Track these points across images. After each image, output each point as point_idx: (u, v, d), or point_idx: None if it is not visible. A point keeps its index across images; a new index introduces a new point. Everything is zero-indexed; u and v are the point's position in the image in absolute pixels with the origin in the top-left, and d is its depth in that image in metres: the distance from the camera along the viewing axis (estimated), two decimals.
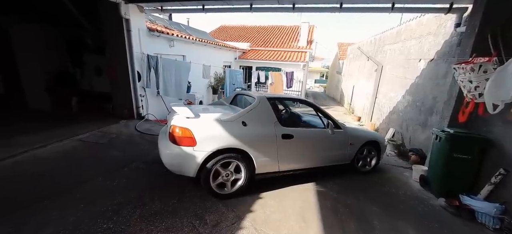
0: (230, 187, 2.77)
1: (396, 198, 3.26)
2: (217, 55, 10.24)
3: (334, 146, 3.45)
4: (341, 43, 18.01)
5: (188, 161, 2.49)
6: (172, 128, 2.54)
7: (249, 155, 2.71)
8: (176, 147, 2.49)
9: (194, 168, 2.51)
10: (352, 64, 11.94)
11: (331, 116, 3.49)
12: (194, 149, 2.47)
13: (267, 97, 3.01)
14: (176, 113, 2.67)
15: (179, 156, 2.50)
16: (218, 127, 2.60)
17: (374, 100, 7.67)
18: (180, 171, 2.58)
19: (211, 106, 3.79)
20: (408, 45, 5.77)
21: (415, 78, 5.21)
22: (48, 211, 2.34)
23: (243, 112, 2.79)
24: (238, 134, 2.64)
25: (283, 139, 2.89)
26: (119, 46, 5.02)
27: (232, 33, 17.10)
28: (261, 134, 2.80)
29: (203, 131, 2.52)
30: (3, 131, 4.39)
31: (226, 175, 2.71)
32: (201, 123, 2.58)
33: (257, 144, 2.75)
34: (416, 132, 4.97)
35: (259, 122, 2.82)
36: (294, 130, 3.03)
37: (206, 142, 2.50)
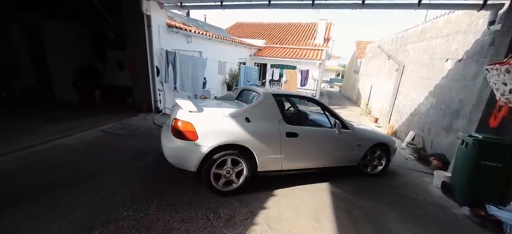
0: (232, 184, 2.73)
1: (415, 203, 3.12)
2: (233, 52, 10.31)
3: (341, 147, 3.33)
4: (359, 41, 17.40)
5: (189, 155, 2.47)
6: (174, 121, 2.52)
7: (251, 152, 2.65)
8: (178, 141, 2.47)
9: (195, 162, 2.48)
10: (371, 63, 11.51)
11: (339, 116, 3.36)
12: (196, 143, 2.44)
13: (272, 94, 2.93)
14: (179, 107, 2.62)
15: (181, 149, 2.48)
16: (220, 122, 2.56)
17: (393, 101, 7.36)
18: (181, 165, 2.56)
19: (217, 101, 3.77)
20: (433, 44, 5.45)
21: (440, 79, 4.93)
22: (74, 196, 2.50)
23: (247, 108, 2.74)
24: (241, 130, 2.58)
25: (287, 137, 2.82)
26: (139, 41, 5.20)
27: (248, 30, 17.10)
28: (265, 131, 2.72)
29: (205, 125, 2.49)
30: (37, 120, 4.72)
31: (227, 172, 2.65)
32: (204, 117, 2.54)
33: (260, 141, 2.68)
34: (438, 136, 4.71)
35: (263, 119, 2.76)
36: (299, 128, 2.94)
37: (208, 136, 2.46)
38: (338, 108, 11.15)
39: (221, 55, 8.62)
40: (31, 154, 3.41)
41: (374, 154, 3.69)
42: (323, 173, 3.44)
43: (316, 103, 3.36)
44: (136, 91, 5.94)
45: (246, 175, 2.73)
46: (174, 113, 2.68)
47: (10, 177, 2.80)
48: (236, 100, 3.65)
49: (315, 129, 3.24)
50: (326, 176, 3.53)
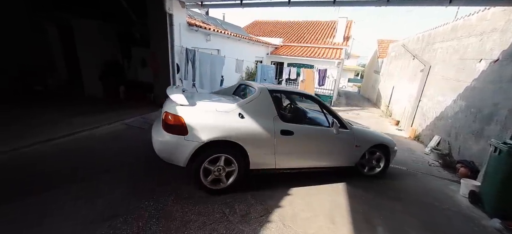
0: (221, 182, 2.65)
1: (439, 212, 2.95)
2: (250, 50, 10.35)
3: (338, 147, 3.21)
4: (381, 40, 16.66)
5: (179, 150, 2.38)
6: (164, 114, 2.44)
7: (244, 149, 2.56)
8: (167, 134, 2.39)
9: (184, 157, 2.40)
10: (393, 63, 11.00)
11: (337, 114, 3.23)
12: (186, 138, 2.35)
13: (268, 89, 2.84)
14: (171, 100, 2.53)
15: (170, 144, 2.39)
16: (212, 117, 2.47)
17: (417, 103, 6.99)
18: (170, 160, 2.47)
19: (213, 95, 3.68)
20: (464, 43, 5.09)
21: (472, 81, 4.59)
22: (100, 184, 2.68)
23: (241, 103, 2.66)
24: (234, 126, 2.49)
25: (282, 135, 2.72)
26: (162, 39, 5.40)
27: (265, 28, 17.07)
28: (258, 128, 2.61)
29: (196, 120, 2.39)
30: (68, 112, 5.10)
31: (217, 169, 2.55)
32: (195, 111, 2.44)
33: (253, 138, 2.59)
34: (467, 142, 4.41)
35: (257, 115, 2.65)
36: (295, 126, 2.84)
37: (199, 132, 2.37)
38: (356, 110, 10.80)
39: (239, 54, 8.70)
40: (62, 143, 3.70)
41: (373, 155, 3.55)
42: (333, 173, 3.39)
43: (313, 101, 3.23)
44: (157, 87, 6.19)
45: (238, 172, 2.64)
46: (165, 107, 2.58)
47: (43, 164, 3.06)
48: (233, 95, 3.59)
49: (311, 127, 3.08)
50: (343, 176, 3.48)
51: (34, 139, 3.57)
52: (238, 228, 2.20)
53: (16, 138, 3.56)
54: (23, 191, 2.43)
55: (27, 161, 3.09)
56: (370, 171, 3.63)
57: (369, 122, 8.15)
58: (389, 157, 3.65)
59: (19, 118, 4.52)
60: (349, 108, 11.13)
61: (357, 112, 10.01)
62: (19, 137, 3.60)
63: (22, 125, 4.19)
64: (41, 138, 3.63)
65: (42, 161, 3.13)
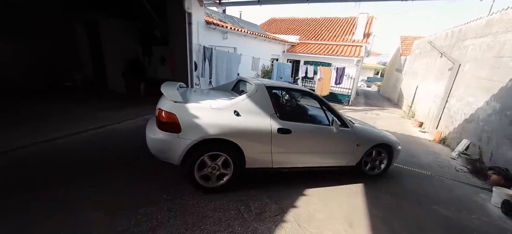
0: (216, 180, 2.61)
1: (468, 221, 2.75)
2: (266, 48, 10.30)
3: (338, 146, 3.08)
4: (404, 37, 15.82)
5: (172, 148, 2.34)
6: (158, 111, 2.40)
7: (239, 147, 2.49)
8: (160, 132, 2.34)
9: (178, 156, 2.35)
10: (418, 61, 10.39)
11: (338, 112, 3.11)
12: (179, 136, 2.30)
13: (266, 86, 2.74)
14: (164, 96, 2.47)
15: (163, 141, 2.34)
16: (207, 114, 2.39)
17: (444, 104, 6.55)
18: (164, 157, 2.44)
19: (211, 91, 3.59)
20: (501, 39, 4.67)
21: (508, 81, 4.21)
22: (121, 177, 2.82)
23: (237, 101, 2.57)
24: (229, 124, 2.41)
25: (279, 134, 2.62)
26: (180, 38, 5.53)
27: (282, 26, 16.87)
28: (254, 126, 2.52)
29: (190, 117, 2.33)
30: (93, 107, 5.41)
31: (212, 168, 2.51)
32: (189, 108, 2.37)
33: (249, 137, 2.51)
34: (501, 147, 4.06)
35: (253, 112, 2.56)
36: (293, 124, 2.72)
37: (193, 129, 2.31)
38: (376, 110, 10.37)
39: (255, 51, 8.69)
40: (87, 136, 3.93)
41: (376, 154, 3.40)
42: (339, 173, 3.32)
43: (313, 97, 3.12)
44: None
45: (233, 171, 2.59)
46: (159, 103, 2.51)
47: (69, 155, 3.27)
48: (231, 91, 3.50)
49: (310, 125, 2.94)
50: (361, 177, 3.40)
51: (67, 131, 3.85)
52: (253, 226, 2.21)
53: (53, 130, 3.87)
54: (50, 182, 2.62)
55: (58, 152, 3.32)
56: (371, 170, 3.49)
57: (389, 123, 7.79)
58: (392, 156, 3.49)
59: (52, 111, 4.89)
60: (368, 108, 10.71)
61: (376, 113, 9.61)
62: (56, 129, 3.91)
63: (55, 118, 4.52)
64: (65, 132, 3.88)
65: (66, 153, 3.35)
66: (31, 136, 3.58)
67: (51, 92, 6.57)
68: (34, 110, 4.88)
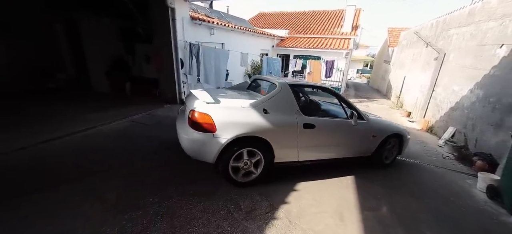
0: (250, 175, 2.72)
1: (456, 207, 2.81)
2: (255, 43, 10.18)
3: (357, 138, 3.25)
4: (392, 28, 16.05)
5: (208, 147, 2.43)
6: (191, 112, 2.46)
7: (269, 143, 2.61)
8: (195, 132, 2.43)
9: (214, 154, 2.44)
10: (405, 52, 10.56)
11: (355, 106, 3.26)
12: (214, 135, 2.40)
13: (289, 84, 2.85)
14: (195, 97, 2.57)
15: (199, 141, 2.43)
16: (238, 113, 2.51)
17: (430, 93, 6.69)
18: (199, 157, 2.52)
19: (229, 91, 3.67)
20: (483, 28, 4.76)
21: (491, 68, 4.31)
22: (106, 181, 2.68)
23: (265, 99, 2.68)
24: (259, 121, 2.53)
25: (304, 128, 2.76)
26: (164, 34, 5.35)
27: (271, 20, 16.74)
28: (282, 122, 2.66)
29: (223, 117, 2.43)
30: (78, 109, 5.17)
31: (244, 163, 2.62)
32: (221, 108, 2.48)
33: (277, 132, 2.64)
34: (485, 133, 4.17)
35: (280, 110, 2.69)
36: (315, 119, 2.87)
37: (226, 128, 2.41)
38: (365, 101, 10.51)
39: (243, 47, 8.56)
40: (70, 141, 3.74)
41: (388, 144, 3.53)
42: (343, 164, 3.36)
43: (332, 94, 3.26)
44: (162, 83, 6.19)
45: (264, 166, 2.70)
46: (190, 104, 2.61)
47: (52, 162, 3.10)
48: (247, 90, 3.64)
49: (331, 119, 3.12)
50: (352, 168, 3.42)
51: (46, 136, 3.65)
52: (243, 225, 2.16)
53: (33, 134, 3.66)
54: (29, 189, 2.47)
55: (42, 157, 3.14)
56: (385, 159, 3.64)
57: (379, 114, 7.89)
58: (402, 146, 3.70)
59: (37, 115, 4.64)
60: (357, 100, 10.84)
61: (366, 104, 9.73)
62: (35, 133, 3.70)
63: (40, 122, 4.29)
64: (48, 137, 3.69)
65: (48, 159, 3.18)
66: (11, 142, 3.37)
67: (34, 94, 6.26)
68: (15, 114, 4.62)
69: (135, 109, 5.38)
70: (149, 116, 5.14)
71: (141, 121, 4.85)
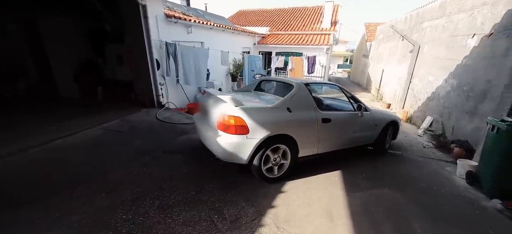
0: (277, 171, 2.83)
1: (439, 196, 2.85)
2: (236, 41, 9.94)
3: (364, 128, 3.60)
4: (368, 23, 16.56)
5: (242, 149, 2.52)
6: (223, 116, 2.53)
7: (294, 139, 2.76)
8: (229, 136, 2.50)
9: (247, 155, 2.54)
10: (382, 46, 10.92)
11: (359, 99, 3.65)
12: (247, 137, 2.49)
13: (304, 83, 3.08)
14: (220, 100, 2.66)
15: (233, 144, 2.50)
16: (267, 114, 2.64)
17: (408, 85, 6.92)
18: (232, 159, 2.60)
19: (240, 93, 3.75)
20: (454, 19, 4.96)
21: (463, 58, 4.49)
22: (73, 198, 2.37)
23: (287, 99, 2.83)
24: (285, 120, 2.71)
25: (323, 123, 2.98)
26: (136, 33, 4.97)
27: (251, 18, 16.57)
28: (304, 119, 2.86)
29: (254, 118, 2.52)
30: (41, 118, 4.65)
31: (274, 160, 2.75)
32: (252, 111, 2.58)
33: (301, 129, 2.83)
34: (460, 121, 4.34)
35: (301, 108, 2.89)
36: (331, 113, 3.15)
37: (258, 129, 2.51)
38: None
39: (224, 45, 8.32)
40: (34, 154, 3.32)
41: (386, 131, 3.95)
42: (330, 160, 3.44)
43: (341, 90, 3.65)
44: (137, 86, 5.79)
45: (290, 161, 2.85)
46: (214, 108, 2.72)
47: (13, 178, 2.70)
48: (255, 91, 3.83)
49: (343, 113, 3.44)
50: (338, 164, 3.43)
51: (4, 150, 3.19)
52: None
53: None
54: None
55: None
56: (386, 144, 4.07)
57: None
58: (397, 131, 4.25)
59: None
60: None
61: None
62: None
63: None
64: (8, 151, 3.24)
65: (9, 176, 2.77)
66: None
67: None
68: None
69: (108, 115, 4.95)
70: (123, 122, 4.75)
71: (114, 127, 4.47)
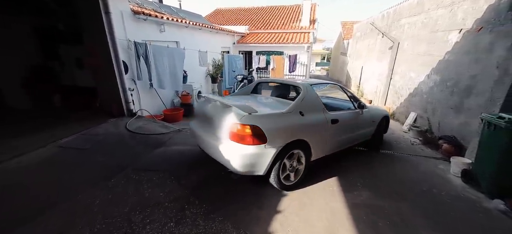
0: (294, 177, 2.70)
1: (441, 201, 2.68)
2: (214, 41, 9.40)
3: (364, 125, 3.67)
4: (345, 22, 16.94)
5: (260, 160, 2.33)
6: (236, 126, 2.29)
7: (308, 143, 2.65)
8: (245, 147, 2.26)
9: (266, 165, 2.37)
10: (360, 44, 11.10)
11: (357, 97, 3.72)
12: (266, 146, 2.30)
13: (310, 84, 2.99)
14: (236, 110, 2.38)
15: (251, 156, 2.27)
16: (282, 120, 2.48)
17: (389, 81, 6.99)
18: (251, 171, 2.39)
19: (235, 98, 3.47)
20: (433, 16, 5.00)
21: (445, 54, 4.51)
22: None
23: (298, 102, 2.70)
24: (299, 125, 2.60)
25: (332, 124, 2.93)
26: (97, 32, 4.27)
27: (229, 17, 16.06)
28: (316, 121, 2.78)
29: (271, 126, 2.35)
30: None
31: (290, 166, 2.61)
32: (267, 117, 2.41)
33: (315, 132, 2.76)
34: (446, 117, 4.35)
35: (312, 110, 2.79)
36: (338, 114, 3.10)
37: (276, 137, 2.36)
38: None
39: (202, 45, 7.77)
40: None
41: (382, 126, 4.12)
42: (328, 164, 3.21)
43: (341, 88, 3.72)
44: (102, 92, 5.05)
45: (305, 166, 2.76)
46: (224, 116, 2.45)
47: None
48: (252, 94, 3.70)
49: (347, 112, 3.39)
50: (332, 168, 3.24)
51: None
52: None
53: None
54: None
55: None
56: (381, 139, 4.29)
57: None
58: (388, 125, 4.42)
59: None
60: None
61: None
62: None
63: None
64: None
65: None
66: None
67: None
68: None
69: (67, 129, 4.20)
70: (86, 137, 4.05)
71: (74, 144, 3.76)
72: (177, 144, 3.97)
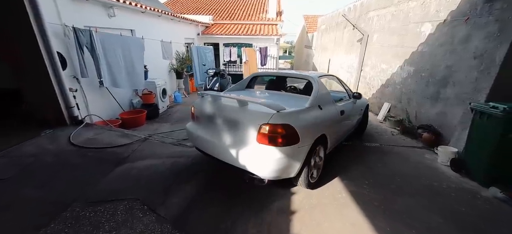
0: (316, 174, 2.63)
1: (447, 195, 2.61)
2: (176, 31, 8.30)
3: (357, 113, 3.83)
4: (307, 15, 17.28)
5: (293, 162, 2.18)
6: (268, 127, 2.06)
7: (326, 137, 2.62)
8: (282, 149, 2.07)
9: (299, 166, 2.24)
10: (325, 37, 11.33)
11: (349, 88, 3.89)
12: (299, 146, 2.17)
13: (318, 76, 2.89)
14: (266, 107, 2.12)
15: (286, 158, 2.08)
16: (308, 116, 2.39)
17: (359, 74, 7.17)
18: (284, 175, 2.21)
19: (233, 93, 3.05)
20: (404, 8, 5.15)
21: (418, 46, 4.66)
22: None
23: (315, 95, 2.59)
24: (321, 119, 2.55)
25: (341, 115, 2.98)
26: (15, 14, 3.06)
27: (189, 5, 14.70)
28: (331, 113, 2.78)
29: (301, 123, 2.22)
30: None
31: (314, 162, 2.51)
32: (296, 115, 2.27)
33: (330, 125, 2.73)
34: (423, 106, 4.52)
35: (327, 103, 2.76)
36: (342, 105, 3.14)
37: (306, 134, 2.26)
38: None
39: (162, 35, 6.70)
40: None
41: (366, 113, 4.41)
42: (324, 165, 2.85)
43: (337, 80, 3.77)
44: (30, 94, 3.77)
45: (324, 159, 2.75)
46: (245, 115, 2.23)
47: None
48: (247, 89, 3.50)
49: (347, 103, 3.42)
50: (327, 168, 2.94)
51: None
52: None
53: None
54: None
55: None
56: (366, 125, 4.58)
57: None
58: (368, 114, 4.63)
59: None
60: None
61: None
62: None
63: None
64: None
65: None
66: None
67: None
68: None
69: None
70: (6, 159, 2.89)
71: None
72: (145, 157, 3.15)
